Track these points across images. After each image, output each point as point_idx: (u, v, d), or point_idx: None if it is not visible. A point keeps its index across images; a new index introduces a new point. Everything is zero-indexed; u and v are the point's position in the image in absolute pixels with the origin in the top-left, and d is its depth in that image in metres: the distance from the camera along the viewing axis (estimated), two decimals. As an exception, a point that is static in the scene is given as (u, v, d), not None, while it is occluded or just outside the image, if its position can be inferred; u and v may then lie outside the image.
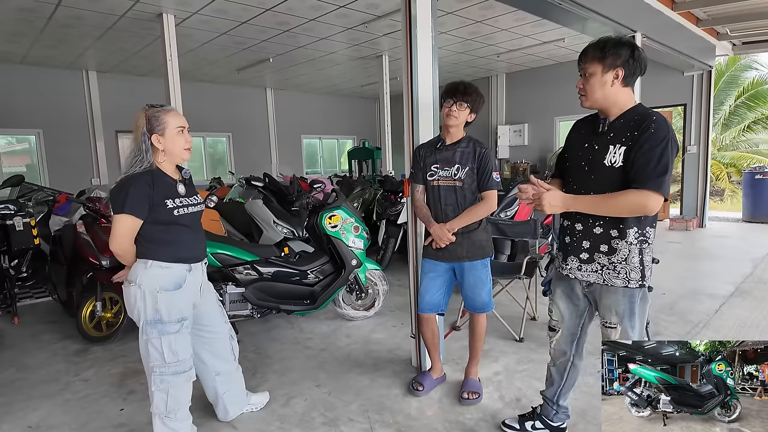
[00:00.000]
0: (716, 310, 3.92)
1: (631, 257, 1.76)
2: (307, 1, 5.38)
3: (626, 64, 1.71)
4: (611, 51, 1.70)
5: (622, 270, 1.77)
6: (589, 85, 1.77)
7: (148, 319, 1.92)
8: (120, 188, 1.85)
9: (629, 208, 1.68)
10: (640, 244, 1.76)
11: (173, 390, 1.99)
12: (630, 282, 1.77)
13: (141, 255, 1.93)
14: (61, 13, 5.44)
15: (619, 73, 1.72)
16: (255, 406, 2.51)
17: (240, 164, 10.83)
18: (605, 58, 1.71)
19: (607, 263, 1.79)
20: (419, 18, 2.72)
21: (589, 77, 1.76)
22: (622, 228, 1.76)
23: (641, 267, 1.76)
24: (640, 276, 1.77)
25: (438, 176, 2.54)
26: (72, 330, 3.71)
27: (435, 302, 2.61)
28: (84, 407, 2.65)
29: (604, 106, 1.79)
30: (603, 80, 1.73)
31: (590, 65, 1.75)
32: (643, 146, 1.66)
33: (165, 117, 1.91)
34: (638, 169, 1.66)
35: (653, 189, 1.62)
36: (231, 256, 3.28)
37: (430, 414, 2.47)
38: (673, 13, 6.04)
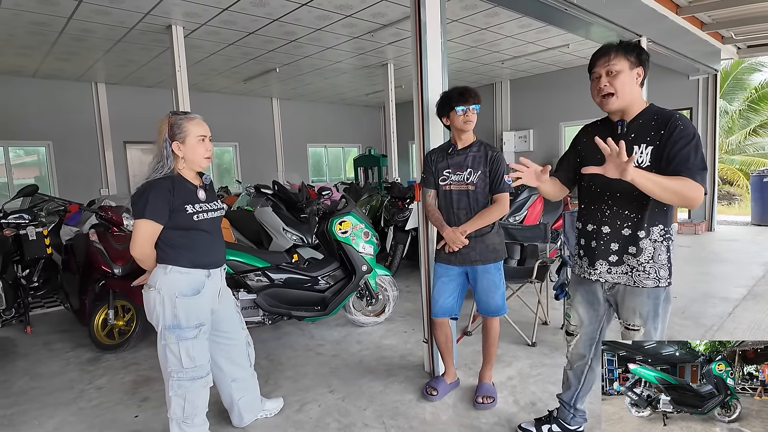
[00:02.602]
0: (729, 313, 3.88)
1: (657, 255, 1.76)
2: (314, 12, 5.45)
3: (645, 64, 1.73)
4: (635, 50, 1.72)
5: (651, 270, 1.76)
6: (619, 82, 1.71)
7: (167, 324, 1.93)
8: (140, 194, 1.87)
9: (683, 195, 1.60)
10: (666, 241, 1.76)
11: (190, 395, 1.99)
12: (660, 281, 1.77)
13: (161, 260, 1.95)
14: (73, 27, 5.53)
15: (640, 72, 1.73)
16: (269, 412, 2.51)
17: (246, 173, 10.91)
18: (631, 55, 1.71)
19: (636, 265, 1.78)
20: (429, 24, 2.76)
21: (618, 74, 1.71)
22: (647, 227, 1.76)
23: (669, 264, 1.76)
24: (668, 273, 1.76)
25: (450, 181, 2.55)
26: (84, 338, 3.73)
27: (448, 306, 2.61)
28: (98, 415, 2.65)
29: (627, 105, 1.76)
30: (631, 76, 1.73)
31: (618, 62, 1.71)
32: (677, 143, 1.65)
33: (187, 125, 1.94)
34: (679, 165, 1.63)
35: (700, 182, 1.61)
36: (242, 263, 3.30)
37: (445, 419, 2.45)
38: (677, 18, 6.06)
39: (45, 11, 4.99)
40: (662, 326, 1.82)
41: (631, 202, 1.75)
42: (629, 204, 1.76)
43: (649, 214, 1.74)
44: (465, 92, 2.48)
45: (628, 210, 1.77)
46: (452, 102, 2.48)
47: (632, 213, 1.77)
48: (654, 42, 5.53)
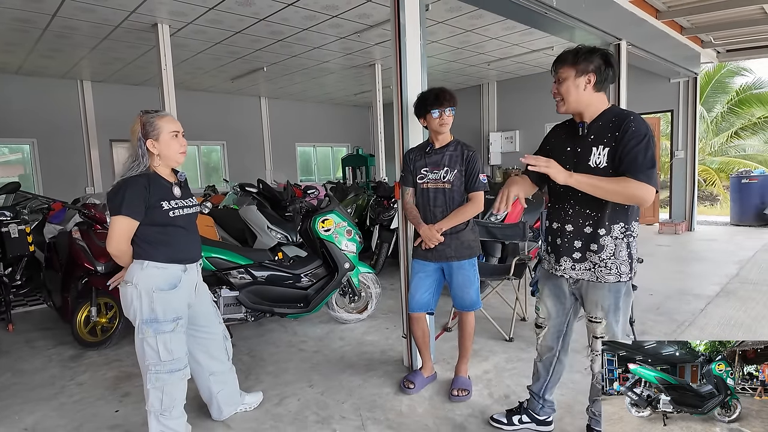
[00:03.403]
0: (702, 309, 4.00)
1: (618, 251, 1.84)
2: (300, 12, 5.49)
3: (598, 70, 1.81)
4: (583, 57, 1.81)
5: (612, 266, 1.85)
6: (564, 88, 1.86)
7: (144, 319, 1.97)
8: (116, 191, 1.91)
9: (626, 195, 1.71)
10: (627, 239, 1.85)
11: (168, 388, 2.03)
12: (621, 276, 1.85)
13: (137, 256, 1.99)
14: (57, 24, 5.51)
15: (591, 78, 1.82)
16: (249, 405, 2.55)
17: (234, 172, 10.90)
18: (578, 64, 1.82)
19: (598, 261, 1.86)
20: (408, 27, 2.82)
21: (563, 81, 1.85)
22: (608, 225, 1.84)
23: (630, 260, 1.85)
24: (629, 269, 1.85)
25: (427, 179, 2.62)
26: (67, 336, 3.73)
27: (424, 301, 2.68)
28: (79, 410, 2.68)
29: (579, 110, 1.88)
30: (576, 83, 1.83)
31: (563, 71, 1.85)
32: (628, 144, 1.74)
33: (159, 122, 1.98)
34: (628, 165, 1.73)
35: (645, 181, 1.70)
36: (225, 260, 3.34)
37: (421, 411, 2.52)
38: (657, 22, 6.20)
39: (28, 8, 4.98)
40: (623, 319, 1.90)
41: (592, 201, 1.83)
42: (590, 203, 1.85)
43: (609, 213, 1.83)
44: (440, 95, 2.54)
45: (588, 209, 1.86)
46: (427, 105, 2.55)
47: (593, 212, 1.85)
48: (634, 45, 5.65)
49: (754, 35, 7.35)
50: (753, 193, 8.34)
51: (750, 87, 13.07)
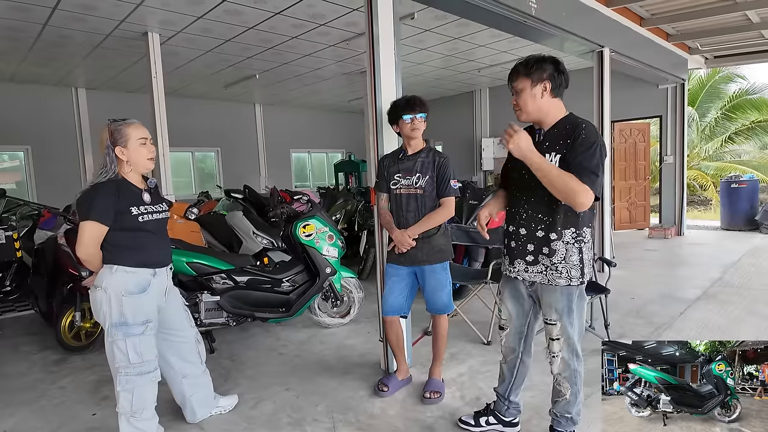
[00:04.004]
0: (681, 313, 4.04)
1: (569, 256, 1.89)
2: (288, 20, 5.57)
3: (552, 77, 1.87)
4: (535, 67, 1.87)
5: (563, 269, 1.90)
6: (521, 99, 1.93)
7: (114, 322, 2.02)
8: (85, 197, 1.97)
9: (565, 189, 1.75)
10: (578, 243, 1.90)
11: (138, 390, 2.07)
12: (572, 280, 1.90)
13: (107, 260, 2.04)
14: (49, 33, 5.60)
15: (546, 85, 1.88)
16: (223, 408, 2.59)
17: (229, 179, 10.95)
18: (531, 74, 1.88)
19: (549, 264, 1.92)
20: (381, 36, 2.89)
21: (520, 92, 1.92)
22: (559, 230, 1.90)
23: (581, 265, 1.90)
24: (580, 273, 1.90)
25: (400, 184, 2.68)
26: (52, 341, 3.77)
27: (398, 305, 2.72)
28: (58, 413, 2.72)
29: (538, 118, 1.95)
30: (533, 93, 1.89)
31: (519, 82, 1.92)
32: (576, 150, 1.81)
33: (127, 130, 2.04)
34: (574, 168, 1.79)
35: (588, 184, 1.76)
36: (206, 265, 3.38)
37: (392, 413, 2.56)
38: (641, 29, 6.28)
39: (17, 17, 5.05)
40: (579, 321, 1.95)
41: (543, 206, 1.89)
42: (542, 208, 1.91)
43: (561, 218, 1.88)
44: (411, 101, 2.61)
45: (540, 213, 1.92)
46: (399, 111, 2.62)
47: (544, 216, 1.91)
48: (618, 53, 5.72)
49: (741, 41, 7.43)
50: (743, 198, 8.39)
51: (744, 92, 13.17)
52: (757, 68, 17.19)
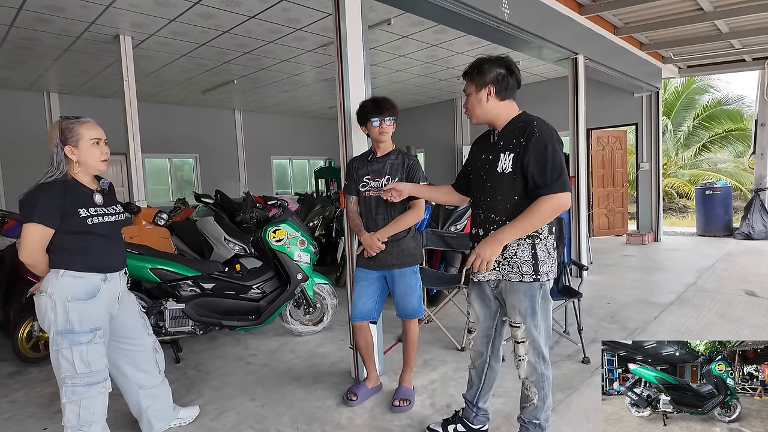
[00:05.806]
0: (655, 317, 4.05)
1: (520, 252, 1.87)
2: (264, 24, 5.51)
3: (495, 81, 1.85)
4: (477, 71, 1.87)
5: (514, 264, 1.88)
6: (469, 103, 1.94)
7: (59, 330, 1.90)
8: (29, 197, 1.86)
9: (549, 214, 1.78)
10: (531, 240, 1.87)
11: (86, 402, 1.96)
12: (524, 276, 1.87)
13: (53, 264, 1.93)
14: (15, 35, 5.44)
15: (490, 89, 1.86)
16: (183, 420, 2.48)
17: (207, 185, 10.77)
18: (474, 79, 1.88)
19: (501, 260, 1.90)
20: (349, 40, 2.87)
21: (468, 96, 1.93)
22: None
23: (533, 261, 1.86)
24: (533, 270, 1.86)
25: (369, 187, 2.62)
26: (8, 353, 3.60)
27: (367, 310, 2.65)
28: (7, 428, 2.57)
29: (488, 120, 1.95)
30: (478, 98, 1.90)
31: (466, 87, 1.94)
32: (532, 153, 1.79)
33: (79, 129, 1.94)
34: (539, 178, 1.78)
35: (559, 190, 1.75)
36: (170, 271, 3.27)
37: (360, 422, 2.47)
38: (615, 38, 6.38)
39: (-18, 18, 4.91)
40: (544, 324, 1.90)
41: (498, 207, 1.89)
42: (497, 209, 1.90)
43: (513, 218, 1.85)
44: (380, 104, 2.57)
45: (494, 214, 1.91)
46: (367, 113, 2.57)
47: (498, 216, 1.90)
48: (592, 60, 5.80)
49: (712, 51, 7.60)
50: (717, 204, 8.53)
51: (719, 102, 13.54)
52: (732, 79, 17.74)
